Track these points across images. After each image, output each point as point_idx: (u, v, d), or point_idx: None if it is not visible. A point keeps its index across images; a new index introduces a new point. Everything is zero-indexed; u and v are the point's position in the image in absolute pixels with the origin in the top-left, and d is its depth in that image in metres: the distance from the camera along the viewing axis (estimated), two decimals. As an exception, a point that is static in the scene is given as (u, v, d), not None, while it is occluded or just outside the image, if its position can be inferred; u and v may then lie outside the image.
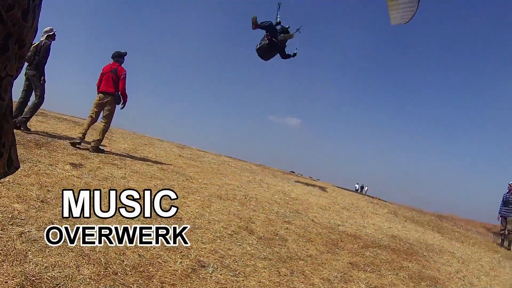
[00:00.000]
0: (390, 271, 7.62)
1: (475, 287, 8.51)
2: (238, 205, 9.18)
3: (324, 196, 15.63)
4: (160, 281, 4.44)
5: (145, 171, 9.86)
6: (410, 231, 13.07)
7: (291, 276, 5.82)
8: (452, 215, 29.16)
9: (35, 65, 11.31)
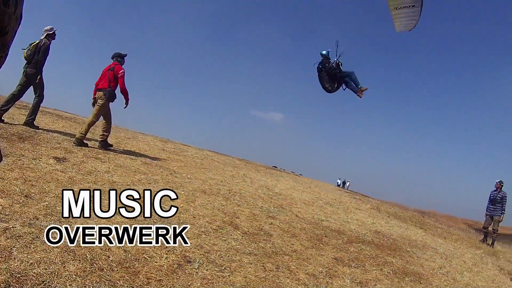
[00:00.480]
0: (375, 267, 7.67)
1: (458, 283, 8.57)
2: (222, 200, 9.18)
3: (308, 191, 15.74)
4: (146, 277, 4.43)
5: (129, 165, 9.83)
6: (393, 227, 13.16)
7: (277, 271, 5.85)
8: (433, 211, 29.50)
9: (34, 63, 11.41)
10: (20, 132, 9.88)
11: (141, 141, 15.17)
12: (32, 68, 11.42)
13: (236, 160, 20.21)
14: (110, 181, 7.86)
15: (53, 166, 7.84)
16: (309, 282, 5.84)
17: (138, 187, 7.94)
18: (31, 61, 11.43)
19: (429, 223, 19.13)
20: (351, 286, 6.27)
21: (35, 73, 11.43)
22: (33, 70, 11.42)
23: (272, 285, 5.30)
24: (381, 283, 6.85)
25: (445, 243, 13.54)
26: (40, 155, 8.30)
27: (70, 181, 7.14)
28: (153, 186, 8.36)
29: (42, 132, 10.63)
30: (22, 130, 10.13)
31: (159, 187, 8.43)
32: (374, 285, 6.63)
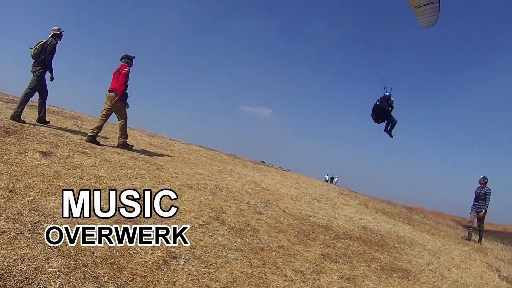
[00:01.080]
0: (362, 263, 7.69)
1: (446, 279, 8.60)
2: (209, 195, 9.14)
3: (295, 186, 15.73)
4: (131, 273, 4.41)
5: (115, 159, 9.77)
6: (381, 223, 13.21)
7: (264, 267, 5.85)
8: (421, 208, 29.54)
9: (40, 62, 11.79)
10: (6, 126, 9.79)
11: (128, 135, 15.10)
12: (37, 66, 11.79)
13: (224, 155, 20.16)
14: (96, 176, 7.81)
15: (38, 160, 7.77)
16: (296, 278, 5.85)
17: (124, 181, 7.94)
18: (37, 60, 11.79)
19: (417, 219, 19.20)
20: (338, 282, 6.27)
21: (38, 70, 11.77)
22: (38, 68, 11.77)
23: (258, 281, 5.30)
24: (369, 280, 6.87)
25: (433, 239, 13.59)
26: (26, 150, 8.23)
27: (56, 176, 7.08)
28: (140, 181, 8.34)
29: (29, 126, 10.56)
30: (8, 124, 10.04)
31: (146, 182, 8.43)
32: (361, 282, 6.65)
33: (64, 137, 10.61)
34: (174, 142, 18.28)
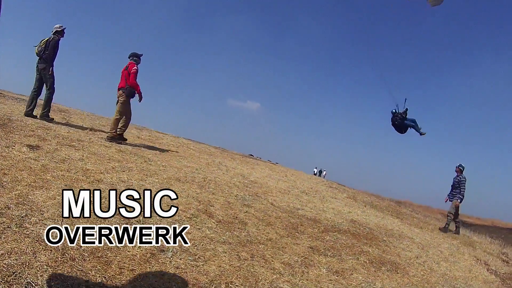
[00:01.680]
0: (351, 256, 7.74)
1: (435, 272, 8.67)
2: (197, 188, 9.16)
3: (283, 179, 15.79)
4: (119, 267, 4.41)
5: (103, 153, 9.74)
6: (369, 216, 13.29)
7: (252, 260, 5.87)
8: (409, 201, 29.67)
9: (45, 59, 12.47)
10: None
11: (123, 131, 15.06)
12: (43, 63, 12.47)
13: (212, 148, 20.15)
14: (84, 169, 7.79)
15: (26, 154, 7.74)
16: (285, 271, 5.88)
17: (111, 174, 7.94)
18: (42, 57, 12.48)
19: (405, 213, 19.32)
20: (327, 275, 6.31)
21: (45, 67, 12.44)
22: (44, 65, 12.45)
23: (246, 274, 5.31)
24: (358, 273, 6.91)
25: (421, 232, 13.71)
26: (13, 143, 8.20)
27: (43, 170, 7.05)
28: (127, 174, 8.35)
29: (16, 120, 10.52)
30: (-5, 118, 10.02)
31: (133, 175, 8.45)
32: (350, 275, 6.69)
33: (52, 130, 10.56)
34: (162, 135, 18.23)
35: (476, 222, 55.22)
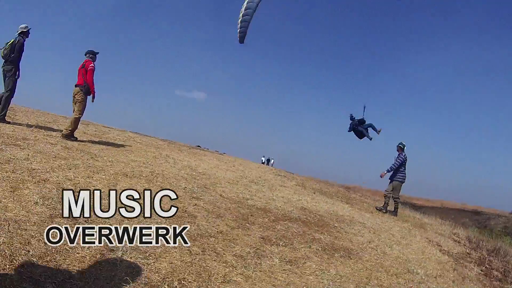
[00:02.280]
0: (303, 244, 7.83)
1: (388, 256, 8.86)
2: (144, 182, 9.11)
3: (232, 170, 15.85)
4: (68, 270, 4.36)
5: (48, 150, 9.58)
6: (319, 203, 13.46)
7: (203, 254, 5.88)
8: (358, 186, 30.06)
9: (11, 61, 12.54)
10: None
11: (62, 124, 14.68)
12: (9, 66, 12.52)
13: (159, 141, 19.97)
14: (29, 169, 7.66)
15: (-31, 154, 7.64)
16: (237, 263, 5.91)
17: (57, 173, 7.83)
18: (8, 60, 12.52)
19: (355, 198, 19.66)
20: (280, 265, 6.37)
21: (11, 70, 12.51)
22: (9, 67, 12.51)
23: (199, 269, 5.33)
24: (311, 261, 6.99)
25: (372, 217, 13.97)
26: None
27: (-14, 170, 6.94)
28: (74, 172, 8.24)
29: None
30: None
31: (80, 172, 8.35)
32: (304, 263, 6.77)
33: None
34: (108, 130, 18.00)
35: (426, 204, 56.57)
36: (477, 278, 9.52)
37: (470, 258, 11.63)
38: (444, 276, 8.68)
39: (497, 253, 13.53)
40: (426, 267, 8.85)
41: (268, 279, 5.69)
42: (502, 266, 11.65)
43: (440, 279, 8.37)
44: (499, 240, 18.83)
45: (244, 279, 5.44)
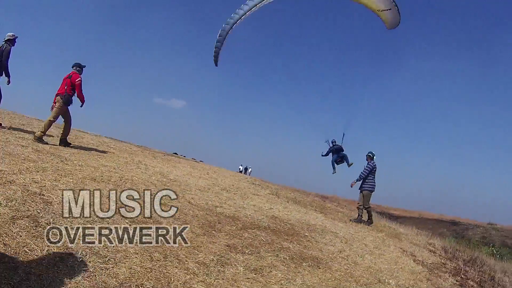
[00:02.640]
0: (270, 253, 7.84)
1: (359, 266, 8.88)
2: (112, 187, 9.03)
3: (205, 177, 15.80)
4: (25, 272, 4.35)
5: (18, 153, 9.54)
6: (291, 212, 13.44)
7: (165, 261, 5.87)
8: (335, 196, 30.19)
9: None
10: None
11: (36, 127, 14.69)
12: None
13: (134, 147, 19.85)
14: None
15: None
16: (199, 271, 5.92)
17: (25, 175, 7.75)
18: None
19: (330, 208, 19.69)
20: (244, 273, 6.38)
21: (1, 75, 12.96)
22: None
23: (158, 275, 5.33)
24: (277, 270, 7.01)
25: (345, 227, 13.94)
26: None
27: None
28: (41, 175, 8.17)
29: None
30: None
31: (47, 175, 8.29)
32: (269, 272, 6.79)
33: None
34: (83, 134, 17.90)
35: (403, 214, 56.92)
36: (451, 289, 9.52)
37: (445, 268, 11.65)
38: (417, 286, 8.73)
39: (474, 263, 13.64)
40: (398, 278, 8.89)
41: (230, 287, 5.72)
42: (478, 276, 11.75)
43: (413, 289, 8.42)
44: (476, 250, 19.02)
45: (205, 287, 5.46)
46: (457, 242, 23.98)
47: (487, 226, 55.22)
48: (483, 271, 12.62)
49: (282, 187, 23.04)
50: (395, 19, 16.96)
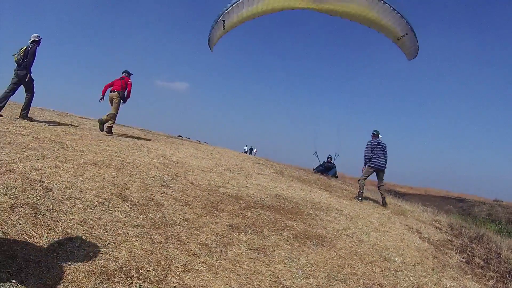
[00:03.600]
0: (273, 232, 7.83)
1: (364, 243, 8.86)
2: (113, 171, 9.07)
3: (208, 158, 15.82)
4: (25, 260, 4.31)
5: (19, 142, 9.52)
6: (296, 190, 13.45)
7: (166, 243, 5.86)
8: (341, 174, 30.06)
9: (24, 66, 13.86)
10: None
11: (37, 116, 14.69)
12: (22, 70, 13.81)
13: (136, 130, 19.77)
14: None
15: None
16: (201, 252, 5.90)
17: (24, 163, 7.73)
18: (21, 64, 13.85)
19: (335, 185, 19.56)
20: (247, 253, 6.37)
21: (25, 74, 13.82)
22: (24, 72, 13.82)
23: (159, 258, 5.31)
24: (281, 249, 7.00)
25: (350, 204, 13.90)
26: None
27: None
28: (41, 162, 8.15)
29: None
30: None
31: (48, 162, 8.27)
32: (272, 251, 6.78)
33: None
34: (85, 120, 17.90)
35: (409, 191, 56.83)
36: (458, 266, 9.51)
37: (451, 246, 11.60)
38: (423, 263, 8.70)
39: (480, 240, 13.60)
40: (404, 255, 8.87)
41: (232, 268, 5.70)
42: (485, 253, 11.68)
43: (419, 266, 8.39)
44: (482, 227, 18.96)
45: (206, 268, 5.44)
46: (463, 219, 24.03)
47: (493, 203, 54.94)
48: (490, 248, 12.56)
49: (287, 166, 22.98)
50: (414, 46, 16.43)
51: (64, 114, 18.46)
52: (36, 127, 12.26)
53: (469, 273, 9.17)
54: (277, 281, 5.65)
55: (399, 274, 7.45)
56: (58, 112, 18.90)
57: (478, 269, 9.80)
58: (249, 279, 5.47)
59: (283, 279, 5.79)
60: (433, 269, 8.50)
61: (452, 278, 8.29)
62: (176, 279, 4.87)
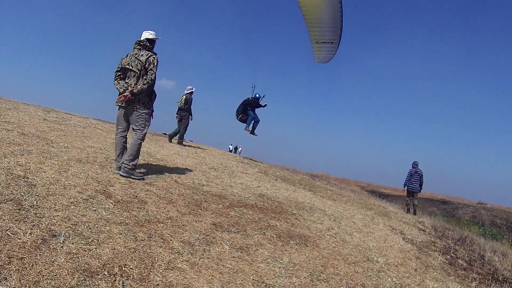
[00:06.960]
0: (257, 231, 7.87)
1: (347, 244, 8.92)
2: (98, 168, 9.08)
3: (192, 156, 15.86)
4: (8, 256, 4.31)
5: (3, 137, 9.45)
6: (279, 190, 13.49)
7: (149, 240, 5.88)
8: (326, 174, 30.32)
9: (185, 110, 19.90)
10: None
11: (22, 111, 14.53)
12: (184, 112, 19.88)
13: (122, 128, 19.85)
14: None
15: None
16: (184, 250, 5.92)
17: (9, 159, 7.72)
18: (183, 108, 19.86)
19: (319, 186, 19.72)
20: (230, 252, 6.39)
21: (186, 115, 19.88)
22: (185, 113, 19.86)
23: (142, 255, 5.33)
24: (263, 248, 7.04)
25: (334, 204, 14.03)
26: None
27: None
28: (26, 158, 8.15)
29: None
30: None
31: (32, 158, 8.27)
32: (255, 250, 6.80)
33: None
34: (70, 116, 17.69)
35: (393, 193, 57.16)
36: (441, 267, 9.61)
37: (434, 247, 11.74)
38: (405, 264, 8.79)
39: (463, 242, 13.71)
40: (387, 256, 8.97)
41: (215, 266, 5.73)
42: (468, 255, 11.78)
43: (402, 267, 8.47)
44: (466, 229, 19.24)
45: (189, 266, 5.46)
46: (447, 221, 24.75)
47: (476, 206, 55.70)
48: (473, 250, 12.67)
49: (271, 165, 23.05)
50: (330, 55, 17.80)
51: (50, 110, 18.36)
52: (21, 122, 12.17)
53: (452, 275, 9.26)
54: (260, 280, 5.69)
55: (381, 275, 7.51)
56: (43, 107, 18.81)
57: (461, 271, 9.91)
58: (232, 278, 5.50)
59: (265, 278, 5.83)
60: (416, 270, 8.59)
61: (435, 279, 8.38)
62: (159, 277, 4.90)
